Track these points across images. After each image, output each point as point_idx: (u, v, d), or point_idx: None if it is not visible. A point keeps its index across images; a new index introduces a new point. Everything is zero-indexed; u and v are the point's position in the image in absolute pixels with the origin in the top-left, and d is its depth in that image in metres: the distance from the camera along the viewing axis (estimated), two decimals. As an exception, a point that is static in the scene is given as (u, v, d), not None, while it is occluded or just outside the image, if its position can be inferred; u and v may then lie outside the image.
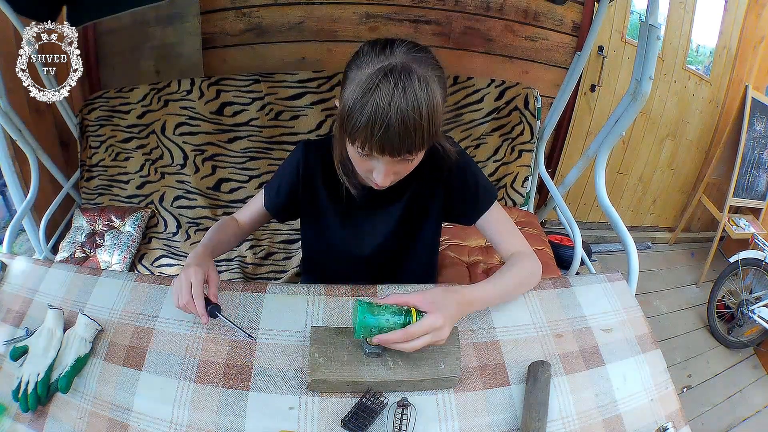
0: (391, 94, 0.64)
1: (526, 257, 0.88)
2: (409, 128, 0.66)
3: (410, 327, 0.68)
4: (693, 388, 2.16)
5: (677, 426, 0.75)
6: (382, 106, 0.64)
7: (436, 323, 0.68)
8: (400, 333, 0.68)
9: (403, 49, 0.67)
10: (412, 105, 0.64)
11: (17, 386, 0.75)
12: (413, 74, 0.65)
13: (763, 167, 2.94)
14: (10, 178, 1.56)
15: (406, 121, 0.65)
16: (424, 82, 0.66)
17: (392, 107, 0.64)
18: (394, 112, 0.64)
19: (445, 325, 0.69)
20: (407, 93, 0.64)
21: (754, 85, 2.78)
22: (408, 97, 0.64)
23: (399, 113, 0.64)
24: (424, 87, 0.65)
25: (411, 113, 0.65)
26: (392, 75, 0.64)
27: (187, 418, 0.71)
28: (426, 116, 0.66)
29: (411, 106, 0.64)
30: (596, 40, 1.70)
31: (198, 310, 0.76)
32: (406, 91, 0.64)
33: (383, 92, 0.64)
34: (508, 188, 1.85)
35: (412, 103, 0.64)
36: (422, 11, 2.05)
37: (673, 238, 3.21)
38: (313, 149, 0.92)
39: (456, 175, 0.88)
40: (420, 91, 0.65)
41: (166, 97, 1.80)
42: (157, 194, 1.84)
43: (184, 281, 0.77)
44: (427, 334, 0.68)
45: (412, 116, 0.65)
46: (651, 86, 1.21)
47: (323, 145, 0.90)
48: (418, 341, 0.68)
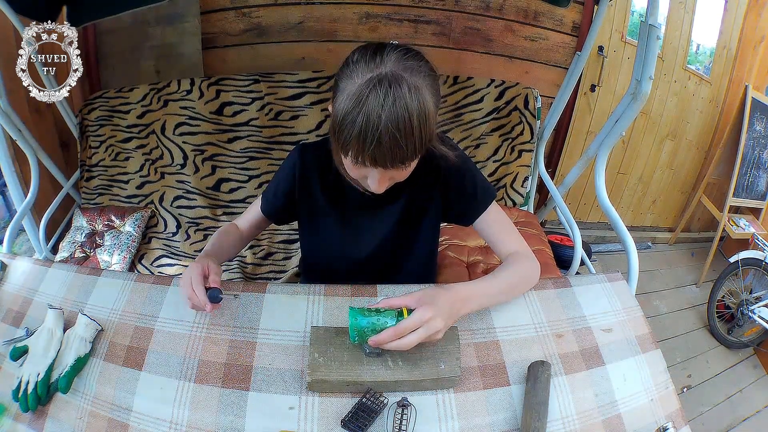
0: (380, 105, 0.63)
1: (524, 258, 0.88)
2: (400, 140, 0.65)
3: (400, 323, 0.68)
4: (693, 388, 2.16)
5: (677, 426, 0.75)
6: (372, 119, 0.63)
7: (425, 316, 0.68)
8: (391, 330, 0.68)
9: (393, 57, 0.66)
10: (403, 117, 0.64)
11: (17, 386, 0.75)
12: (403, 84, 0.64)
13: (763, 167, 2.94)
14: (10, 178, 1.56)
15: (396, 134, 0.64)
16: (415, 91, 0.65)
17: (382, 120, 0.63)
18: (384, 126, 0.63)
19: (435, 318, 0.68)
20: (397, 104, 0.63)
21: (754, 85, 2.78)
22: (398, 109, 0.63)
23: (389, 126, 0.63)
24: (414, 96, 0.64)
25: (402, 126, 0.64)
26: (381, 86, 0.63)
27: (187, 418, 0.71)
28: (417, 126, 0.65)
29: (401, 118, 0.64)
30: (596, 40, 1.70)
31: (199, 299, 0.75)
32: (396, 102, 0.63)
33: (373, 104, 0.63)
34: (508, 188, 1.85)
35: (402, 115, 0.64)
36: (422, 11, 2.05)
37: (673, 238, 3.21)
38: (309, 152, 0.92)
39: (454, 176, 0.88)
40: (411, 101, 0.64)
41: (166, 97, 1.80)
42: (157, 194, 1.84)
43: (184, 278, 0.77)
44: (420, 329, 0.68)
45: (402, 129, 0.64)
46: (651, 86, 1.21)
47: (320, 147, 0.90)
48: (411, 336, 0.68)
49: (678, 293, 2.78)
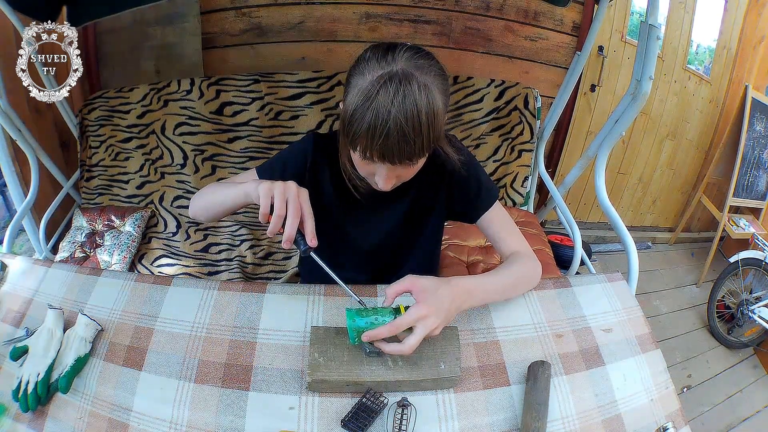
0: (390, 101, 0.64)
1: (525, 257, 0.88)
2: (408, 136, 0.66)
3: (396, 320, 0.68)
4: (693, 388, 2.17)
5: (677, 426, 0.75)
6: (381, 114, 0.64)
7: (421, 312, 0.68)
8: (387, 326, 0.67)
9: (405, 55, 0.67)
10: (412, 113, 0.64)
11: (17, 386, 0.75)
12: (413, 81, 0.65)
13: (763, 167, 2.94)
14: (10, 178, 1.56)
15: (405, 129, 0.65)
16: (425, 89, 0.65)
17: (391, 116, 0.64)
18: (393, 121, 0.64)
19: (431, 315, 0.68)
20: (407, 101, 0.64)
21: (754, 85, 2.78)
22: (407, 105, 0.64)
23: (398, 122, 0.64)
24: (424, 94, 0.65)
25: (410, 122, 0.65)
26: (392, 82, 0.64)
27: (187, 418, 0.71)
28: (426, 124, 0.66)
29: (410, 115, 0.64)
30: (596, 40, 1.70)
31: (308, 230, 0.70)
32: (406, 99, 0.64)
33: (383, 100, 0.64)
34: (508, 188, 1.85)
35: (411, 111, 0.64)
36: (422, 11, 2.05)
37: (673, 238, 3.21)
38: (321, 142, 0.91)
39: (458, 174, 0.88)
40: (420, 98, 0.65)
41: (166, 97, 1.80)
42: (157, 194, 1.84)
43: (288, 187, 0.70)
44: (417, 329, 0.67)
45: (411, 125, 0.65)
46: (651, 86, 1.21)
47: (331, 139, 0.90)
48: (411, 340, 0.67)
49: (678, 293, 2.78)
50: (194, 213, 0.91)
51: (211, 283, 0.89)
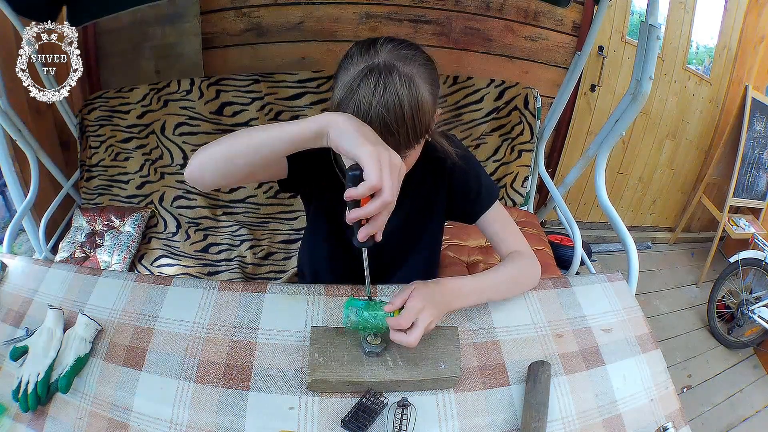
0: (371, 93, 0.64)
1: (524, 257, 0.88)
2: (391, 127, 0.65)
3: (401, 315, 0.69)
4: (693, 388, 2.17)
5: (677, 426, 0.75)
6: (362, 106, 0.64)
7: (418, 305, 0.70)
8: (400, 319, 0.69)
9: (387, 47, 0.67)
10: (393, 104, 0.64)
11: (17, 386, 0.75)
12: (394, 72, 0.64)
13: (763, 167, 2.94)
14: (10, 178, 1.56)
15: (387, 119, 0.64)
16: (407, 79, 0.65)
17: (372, 107, 0.64)
18: (374, 112, 0.64)
19: (426, 308, 0.70)
20: (387, 91, 0.64)
21: (754, 85, 2.78)
22: (388, 96, 0.64)
23: (379, 112, 0.64)
24: (405, 84, 0.64)
25: (392, 112, 0.64)
26: (372, 74, 0.64)
27: (187, 418, 0.71)
28: (409, 113, 0.65)
29: (392, 105, 0.64)
30: (596, 40, 1.70)
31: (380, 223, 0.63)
32: (387, 90, 0.64)
33: (364, 92, 0.64)
34: (508, 188, 1.85)
35: (392, 101, 0.64)
36: (422, 11, 2.05)
37: (673, 238, 3.21)
38: None
39: (458, 173, 0.88)
40: (401, 88, 0.64)
41: (165, 97, 1.80)
42: (156, 194, 1.84)
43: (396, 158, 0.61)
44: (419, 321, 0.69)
45: (393, 115, 0.64)
46: (651, 86, 1.21)
47: None
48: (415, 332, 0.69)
49: (678, 293, 2.78)
50: (201, 167, 0.73)
51: (211, 283, 0.89)
